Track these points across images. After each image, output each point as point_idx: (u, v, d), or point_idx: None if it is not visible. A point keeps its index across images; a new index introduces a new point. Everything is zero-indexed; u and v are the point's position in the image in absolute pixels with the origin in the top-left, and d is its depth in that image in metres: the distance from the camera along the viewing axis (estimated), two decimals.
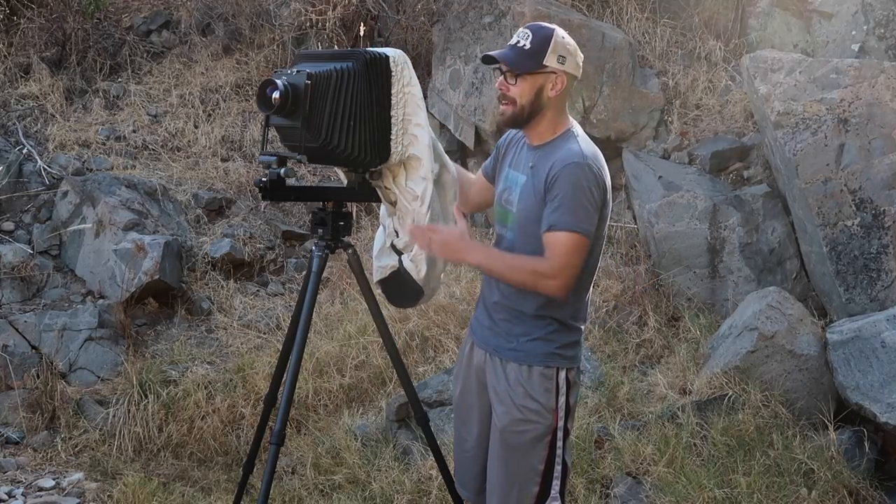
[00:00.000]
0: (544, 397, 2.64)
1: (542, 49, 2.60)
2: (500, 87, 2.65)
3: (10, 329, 5.11)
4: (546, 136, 2.67)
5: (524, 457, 2.65)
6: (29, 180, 6.05)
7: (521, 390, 2.64)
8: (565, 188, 2.52)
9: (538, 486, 2.67)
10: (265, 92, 2.90)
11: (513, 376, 2.66)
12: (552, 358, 2.65)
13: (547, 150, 2.64)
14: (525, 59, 2.61)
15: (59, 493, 4.27)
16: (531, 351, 2.65)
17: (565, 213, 2.52)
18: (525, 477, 2.66)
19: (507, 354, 2.68)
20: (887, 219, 4.57)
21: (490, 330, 2.75)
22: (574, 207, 2.52)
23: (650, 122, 5.95)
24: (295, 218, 6.38)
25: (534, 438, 2.65)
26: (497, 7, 6.23)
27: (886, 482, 3.97)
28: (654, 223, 5.10)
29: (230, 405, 4.75)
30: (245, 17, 7.48)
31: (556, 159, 2.58)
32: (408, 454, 4.24)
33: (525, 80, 2.62)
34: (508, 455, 2.67)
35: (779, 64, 4.97)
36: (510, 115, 2.66)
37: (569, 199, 2.52)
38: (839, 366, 4.13)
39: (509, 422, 2.65)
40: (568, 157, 2.56)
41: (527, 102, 2.63)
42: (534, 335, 2.65)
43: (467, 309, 5.02)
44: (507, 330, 2.69)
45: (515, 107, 2.64)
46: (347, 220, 3.23)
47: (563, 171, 2.54)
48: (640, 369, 4.62)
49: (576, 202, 2.52)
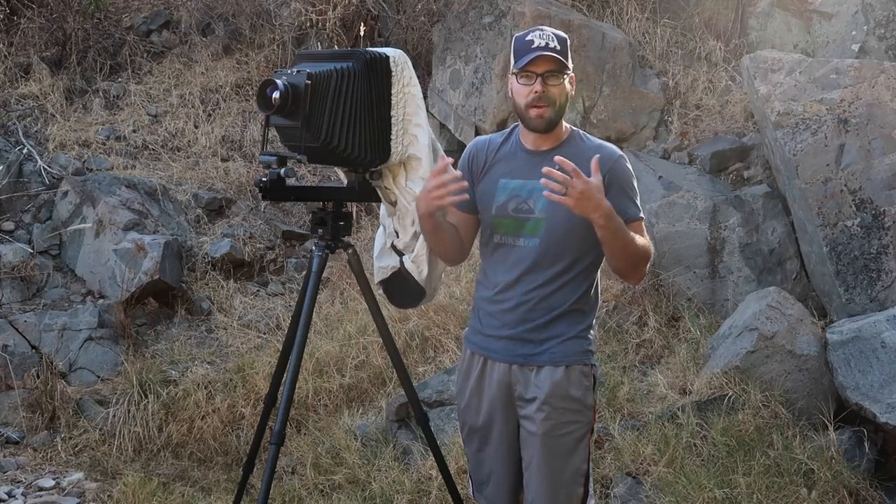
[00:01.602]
0: (584, 395, 2.65)
1: (567, 50, 2.63)
2: (540, 89, 2.58)
3: (10, 329, 5.11)
4: (562, 137, 2.68)
5: (568, 459, 2.63)
6: (29, 180, 6.05)
7: (561, 391, 2.62)
8: (627, 180, 2.64)
9: (582, 487, 2.67)
10: (265, 92, 2.90)
11: (546, 380, 2.62)
12: (587, 355, 2.68)
13: (567, 152, 2.59)
14: (566, 60, 2.63)
15: (59, 493, 4.27)
16: (567, 351, 2.64)
17: (634, 204, 2.64)
18: (570, 479, 2.64)
19: (540, 360, 2.64)
20: (887, 219, 4.57)
21: (513, 341, 2.67)
22: (636, 197, 2.66)
23: (650, 123, 5.95)
24: (295, 218, 6.38)
25: (577, 439, 2.64)
26: (497, 7, 6.23)
27: (886, 482, 3.97)
28: (654, 223, 5.10)
29: (230, 405, 4.75)
30: (245, 17, 7.48)
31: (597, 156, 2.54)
32: (408, 454, 4.24)
33: (561, 81, 2.61)
34: (552, 461, 2.63)
35: (779, 64, 4.96)
36: (549, 116, 2.60)
37: (631, 190, 2.64)
38: (839, 366, 4.13)
39: (551, 426, 2.61)
40: (611, 152, 2.66)
41: (564, 103, 2.63)
42: (567, 335, 2.64)
43: (467, 309, 5.01)
44: (535, 336, 2.64)
45: (555, 108, 2.61)
46: (347, 220, 3.23)
47: (617, 166, 2.63)
48: (640, 369, 4.62)
49: (636, 192, 2.67)
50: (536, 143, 2.68)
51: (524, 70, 2.59)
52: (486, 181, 2.73)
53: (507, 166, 2.70)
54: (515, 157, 2.70)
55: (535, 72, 2.57)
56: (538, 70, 2.57)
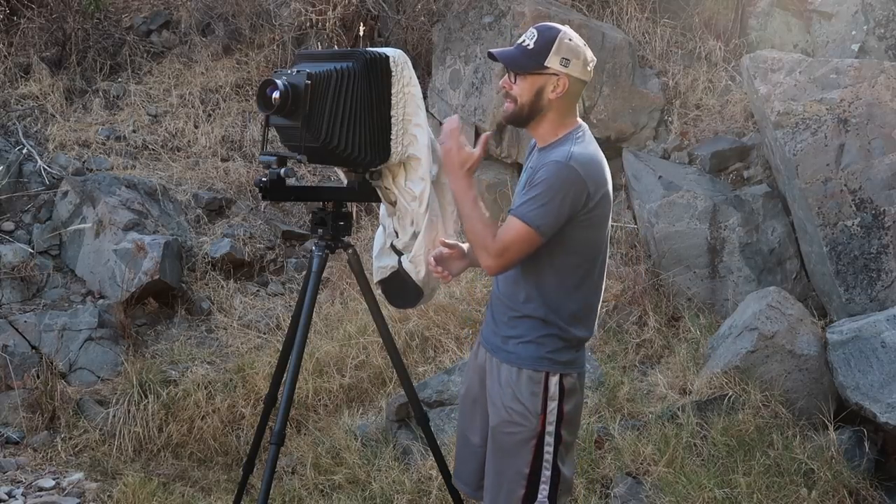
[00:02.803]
0: (530, 401, 2.64)
1: (544, 50, 2.59)
2: (504, 85, 2.66)
3: (10, 329, 5.10)
4: (549, 138, 2.67)
5: (511, 458, 2.67)
6: (29, 180, 6.05)
7: (510, 392, 2.66)
8: (540, 183, 2.54)
9: (524, 489, 2.68)
10: (265, 92, 2.90)
11: (504, 378, 2.68)
12: (541, 362, 2.65)
13: (547, 152, 2.64)
14: (525, 59, 2.61)
15: (59, 493, 4.27)
16: (521, 354, 2.66)
17: (529, 204, 2.53)
18: (511, 478, 2.68)
19: (500, 356, 2.71)
20: (887, 219, 4.57)
21: (492, 330, 2.77)
22: (539, 202, 2.52)
23: (650, 122, 5.95)
24: (295, 218, 6.38)
25: (519, 441, 2.66)
26: (497, 7, 6.23)
27: (886, 482, 3.97)
28: (654, 223, 5.10)
29: (230, 405, 4.75)
30: (245, 17, 7.47)
31: (548, 160, 2.59)
32: (408, 454, 4.24)
33: (525, 80, 2.61)
34: (498, 455, 2.70)
35: (779, 64, 4.96)
36: (510, 112, 2.67)
37: (537, 194, 2.53)
38: (839, 366, 4.13)
39: (498, 422, 2.68)
40: (555, 156, 2.57)
41: (526, 102, 2.63)
42: (525, 338, 2.66)
43: (467, 309, 5.02)
44: (503, 332, 2.71)
45: (516, 105, 2.65)
46: (347, 220, 3.24)
47: (544, 168, 2.56)
48: (640, 369, 4.62)
49: (543, 198, 2.52)
50: (537, 140, 2.73)
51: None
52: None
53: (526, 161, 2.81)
54: (532, 154, 2.77)
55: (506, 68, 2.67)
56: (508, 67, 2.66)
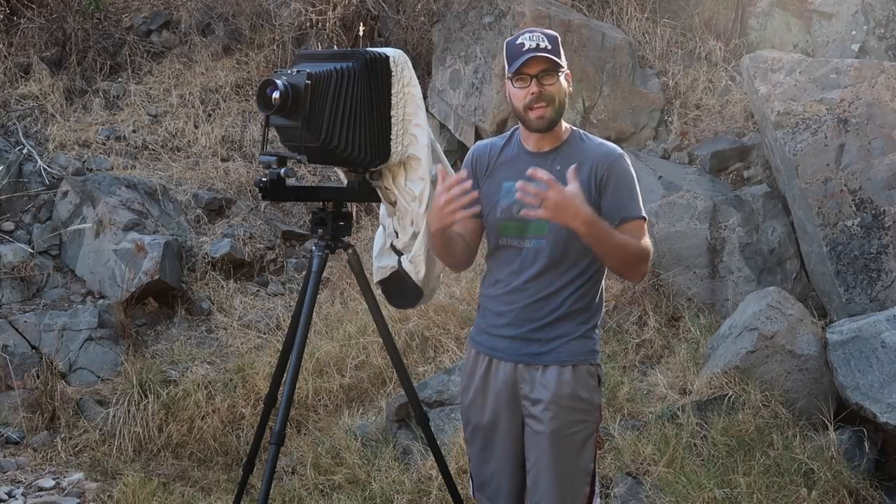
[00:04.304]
0: (591, 395, 2.67)
1: (558, 48, 2.62)
2: (536, 90, 2.57)
3: (10, 329, 5.11)
4: (562, 136, 2.67)
5: (576, 458, 2.65)
6: (29, 180, 6.05)
7: (568, 391, 2.63)
8: (625, 179, 2.61)
9: (589, 486, 2.68)
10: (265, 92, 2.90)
11: (555, 380, 2.63)
12: (593, 355, 2.68)
13: (567, 151, 2.63)
14: (559, 58, 2.61)
15: (59, 493, 4.27)
16: (573, 350, 2.64)
17: (634, 203, 2.62)
18: (578, 478, 2.66)
19: (546, 359, 2.65)
20: (887, 219, 4.57)
21: (518, 340, 2.68)
22: (635, 196, 2.63)
23: (650, 122, 5.95)
24: (295, 218, 6.38)
25: (584, 438, 2.66)
26: (497, 7, 6.23)
27: (886, 482, 3.97)
28: (654, 223, 5.10)
29: (230, 405, 4.75)
30: (245, 17, 7.48)
31: (595, 155, 2.61)
32: (408, 454, 4.24)
33: (556, 80, 2.60)
34: (560, 460, 2.64)
35: (779, 64, 4.96)
36: (549, 116, 2.60)
37: (632, 189, 2.62)
38: (839, 366, 4.13)
39: (560, 425, 2.62)
40: (610, 151, 2.65)
41: (563, 99, 2.62)
42: (573, 335, 2.65)
43: (467, 309, 5.02)
44: (543, 335, 2.65)
45: (554, 105, 2.60)
46: (347, 220, 3.24)
47: (616, 164, 2.62)
48: (640, 369, 4.62)
49: (634, 190, 2.64)
50: (538, 144, 2.68)
51: (518, 73, 2.59)
52: (490, 184, 2.72)
53: (510, 169, 2.69)
54: (518, 159, 2.69)
55: (529, 73, 2.57)
56: (532, 72, 2.57)
